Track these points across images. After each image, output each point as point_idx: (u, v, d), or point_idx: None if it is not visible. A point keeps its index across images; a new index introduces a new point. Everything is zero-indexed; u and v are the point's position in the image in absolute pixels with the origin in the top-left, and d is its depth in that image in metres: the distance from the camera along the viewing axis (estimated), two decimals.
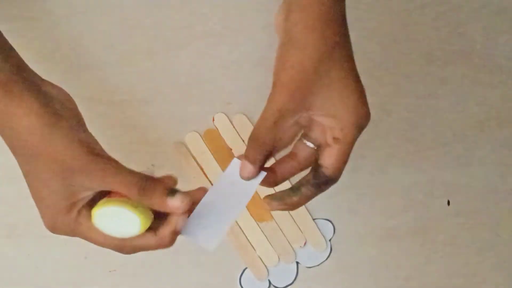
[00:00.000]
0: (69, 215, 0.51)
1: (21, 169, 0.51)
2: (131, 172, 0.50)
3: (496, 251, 0.76)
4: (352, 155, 0.75)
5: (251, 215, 0.73)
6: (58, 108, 0.50)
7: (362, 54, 0.75)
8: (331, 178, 0.54)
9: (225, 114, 0.73)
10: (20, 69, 0.52)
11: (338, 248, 0.74)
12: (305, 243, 0.74)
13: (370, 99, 0.75)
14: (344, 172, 0.74)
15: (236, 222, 0.73)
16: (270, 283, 0.73)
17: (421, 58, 0.76)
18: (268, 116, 0.51)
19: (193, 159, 0.73)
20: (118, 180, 0.49)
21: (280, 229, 0.73)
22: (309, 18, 0.51)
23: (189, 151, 0.73)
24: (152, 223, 0.51)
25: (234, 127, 0.73)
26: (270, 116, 0.51)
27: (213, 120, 0.73)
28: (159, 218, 0.52)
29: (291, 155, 0.55)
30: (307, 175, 0.55)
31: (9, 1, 0.71)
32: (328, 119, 0.52)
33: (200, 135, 0.73)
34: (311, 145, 0.54)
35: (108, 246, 0.52)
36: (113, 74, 0.72)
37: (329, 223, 0.74)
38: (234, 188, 0.54)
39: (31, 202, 0.71)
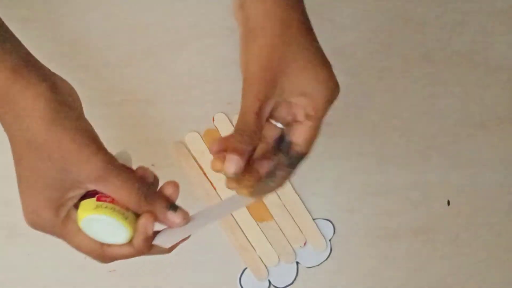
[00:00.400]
0: (57, 214, 0.49)
1: (14, 155, 0.50)
2: (132, 177, 0.49)
3: (496, 251, 0.76)
4: (351, 154, 0.75)
5: (251, 215, 0.73)
6: (66, 97, 0.49)
7: (362, 54, 0.76)
8: (304, 154, 0.54)
9: (225, 114, 0.73)
10: (29, 57, 0.50)
11: (338, 248, 0.74)
12: (305, 243, 0.74)
13: (370, 99, 0.76)
14: (344, 172, 0.75)
15: (236, 222, 0.73)
16: (270, 283, 0.73)
17: (421, 58, 0.76)
18: (248, 108, 0.50)
19: (193, 159, 0.73)
20: (119, 184, 0.48)
21: (280, 229, 0.73)
22: (266, 3, 0.51)
23: (189, 151, 0.73)
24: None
25: (234, 127, 0.73)
26: (251, 107, 0.50)
27: (213, 120, 0.73)
28: None
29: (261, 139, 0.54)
30: (278, 158, 0.54)
31: (9, 1, 0.71)
32: (301, 98, 0.52)
33: (200, 135, 0.73)
34: (280, 125, 0.54)
35: (89, 254, 0.51)
36: (113, 74, 0.72)
37: (329, 223, 0.74)
38: (221, 203, 0.53)
39: None
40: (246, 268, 0.73)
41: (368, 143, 0.75)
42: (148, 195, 0.49)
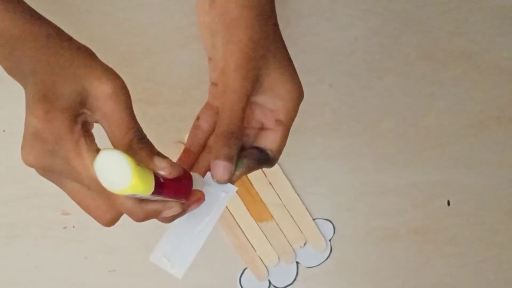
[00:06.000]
0: (75, 120, 0.44)
1: (39, 66, 0.46)
2: (135, 119, 0.47)
3: (496, 251, 0.76)
4: (351, 154, 0.75)
5: (251, 215, 0.73)
6: None
7: (362, 54, 0.76)
8: (273, 161, 0.52)
9: None
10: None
11: (338, 248, 0.74)
12: (305, 243, 0.74)
13: (370, 99, 0.76)
14: (344, 172, 0.75)
15: (236, 222, 0.73)
16: (270, 283, 0.73)
17: (421, 58, 0.76)
18: (235, 106, 0.48)
19: None
20: (121, 116, 0.45)
21: (280, 229, 0.73)
22: (240, 1, 0.49)
23: None
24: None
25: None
26: (238, 104, 0.48)
27: None
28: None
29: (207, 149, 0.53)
30: (250, 149, 0.52)
31: None
32: (274, 101, 0.50)
33: None
34: None
35: (89, 183, 0.44)
36: None
37: (329, 223, 0.74)
38: (204, 206, 0.50)
39: (31, 202, 0.71)
40: (246, 268, 0.73)
41: (368, 143, 0.75)
42: (143, 139, 0.46)
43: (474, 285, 0.76)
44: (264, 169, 0.72)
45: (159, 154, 0.46)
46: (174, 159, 0.72)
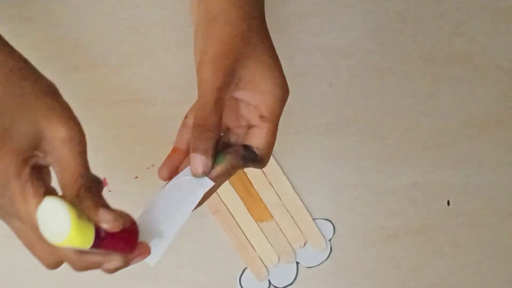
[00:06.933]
0: (24, 163, 0.43)
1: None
2: (87, 165, 0.46)
3: (496, 251, 0.76)
4: (351, 154, 0.75)
5: (251, 215, 0.73)
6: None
7: (362, 54, 0.76)
8: (261, 159, 0.51)
9: None
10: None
11: (338, 248, 0.74)
12: (305, 243, 0.74)
13: (370, 99, 0.76)
14: (344, 172, 0.75)
15: (236, 222, 0.73)
16: (270, 283, 0.73)
17: (421, 58, 0.76)
18: (207, 98, 0.48)
19: None
20: (73, 162, 0.44)
21: (280, 229, 0.73)
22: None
23: None
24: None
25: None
26: (210, 96, 0.48)
27: None
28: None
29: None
30: (235, 147, 0.52)
31: (8, 1, 0.71)
32: (255, 96, 0.50)
33: None
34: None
35: (30, 228, 0.44)
36: (113, 74, 0.72)
37: (329, 223, 0.74)
38: (179, 196, 0.50)
39: None
40: (246, 268, 0.73)
41: (368, 143, 0.75)
42: (90, 189, 0.45)
43: (474, 285, 0.76)
44: (264, 169, 0.73)
45: (104, 206, 0.45)
46: None
